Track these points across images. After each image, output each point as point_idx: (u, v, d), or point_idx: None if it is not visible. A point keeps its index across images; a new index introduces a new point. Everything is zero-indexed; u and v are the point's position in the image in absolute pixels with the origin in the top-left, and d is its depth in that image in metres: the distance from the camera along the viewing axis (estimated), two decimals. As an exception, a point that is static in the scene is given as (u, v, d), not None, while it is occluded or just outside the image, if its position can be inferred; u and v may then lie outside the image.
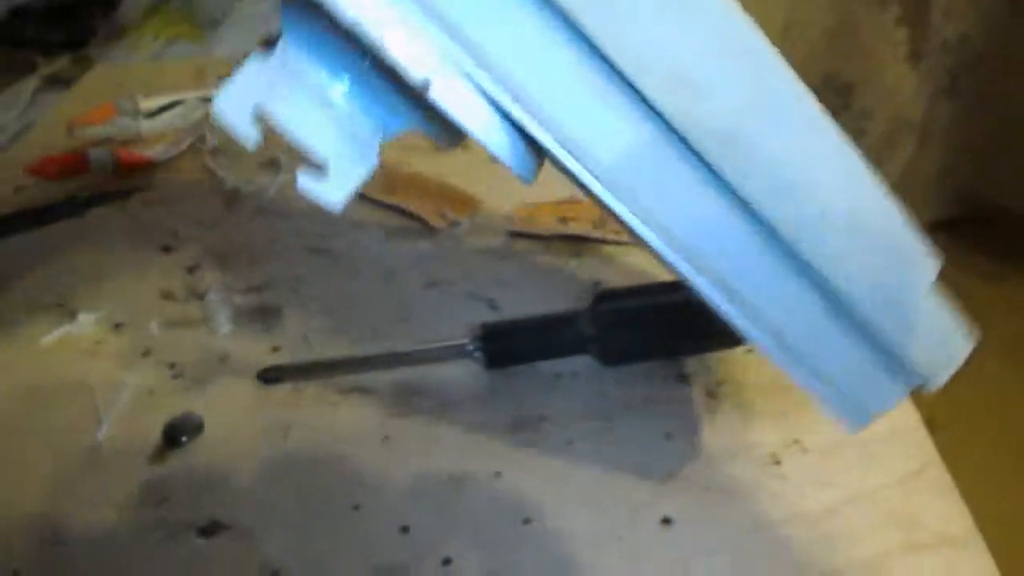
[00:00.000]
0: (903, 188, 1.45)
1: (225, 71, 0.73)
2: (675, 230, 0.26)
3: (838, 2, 1.56)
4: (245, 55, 0.26)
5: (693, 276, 0.27)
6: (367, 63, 0.26)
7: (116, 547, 0.37)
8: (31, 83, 0.83)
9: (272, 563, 0.36)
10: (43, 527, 0.38)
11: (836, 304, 0.28)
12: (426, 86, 0.23)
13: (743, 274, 0.28)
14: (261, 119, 0.26)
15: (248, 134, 0.25)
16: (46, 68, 0.84)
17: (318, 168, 0.26)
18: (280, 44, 0.25)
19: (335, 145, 0.26)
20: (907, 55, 1.59)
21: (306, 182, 0.26)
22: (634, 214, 0.26)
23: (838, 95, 1.64)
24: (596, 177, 0.25)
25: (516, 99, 0.24)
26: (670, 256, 0.27)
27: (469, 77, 0.23)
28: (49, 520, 0.38)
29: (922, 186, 1.67)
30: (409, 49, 0.23)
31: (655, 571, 0.35)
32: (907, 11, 1.50)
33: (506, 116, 0.24)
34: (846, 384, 0.30)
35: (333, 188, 0.26)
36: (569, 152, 0.24)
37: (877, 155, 1.64)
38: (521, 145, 0.25)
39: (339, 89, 0.27)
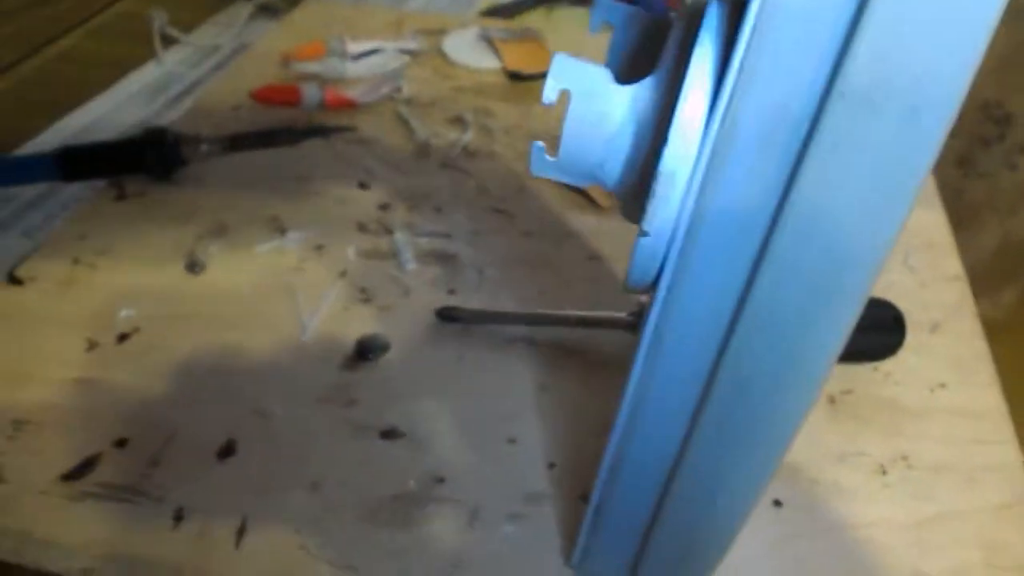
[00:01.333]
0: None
1: (419, 25, 0.80)
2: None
3: (1015, 31, 1.52)
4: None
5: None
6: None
7: (310, 433, 0.45)
8: (247, 7, 0.92)
9: (436, 471, 0.43)
10: (255, 403, 0.46)
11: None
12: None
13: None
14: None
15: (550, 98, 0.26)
16: (261, -4, 0.92)
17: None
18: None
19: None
20: (1077, 95, 1.55)
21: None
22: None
23: (996, 124, 1.61)
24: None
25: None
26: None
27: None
28: (260, 399, 0.46)
29: (1067, 230, 1.63)
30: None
31: (762, 544, 0.41)
32: (1084, 51, 1.46)
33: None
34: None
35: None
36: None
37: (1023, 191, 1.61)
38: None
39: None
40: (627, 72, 0.29)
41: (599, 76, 0.26)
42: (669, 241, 0.25)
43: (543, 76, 0.76)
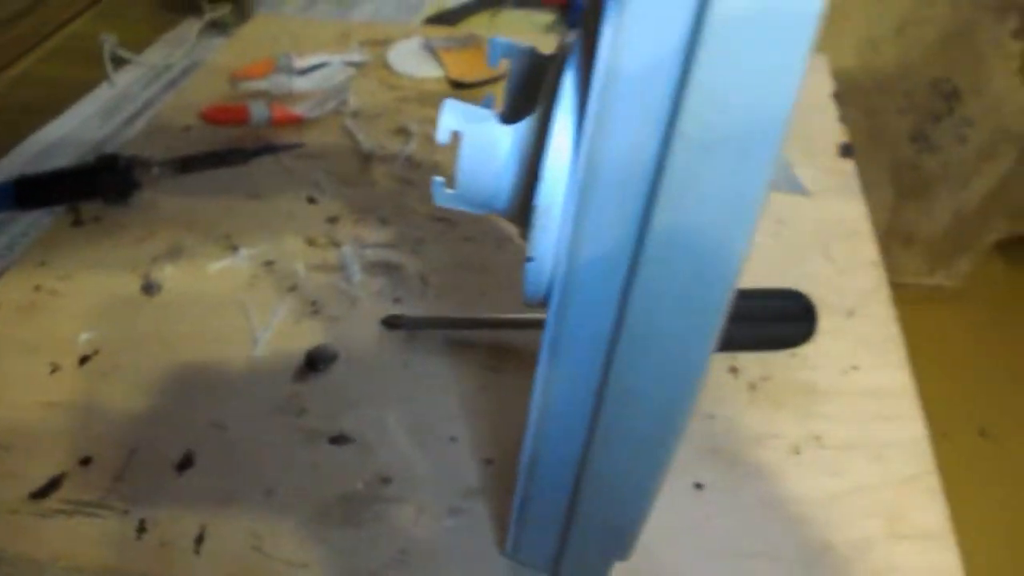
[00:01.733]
0: (996, 200, 1.47)
1: (365, 36, 0.83)
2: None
3: (958, 7, 1.56)
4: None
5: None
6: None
7: (264, 442, 0.48)
8: (196, 26, 0.94)
9: (383, 472, 0.46)
10: (211, 416, 0.49)
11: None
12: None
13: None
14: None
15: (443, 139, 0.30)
16: (210, 13, 0.94)
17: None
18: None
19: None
20: (1019, 69, 1.60)
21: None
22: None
23: (945, 99, 1.65)
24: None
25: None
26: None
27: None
28: (216, 412, 0.49)
29: (1017, 199, 1.68)
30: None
31: (684, 524, 0.44)
32: (1024, 25, 1.51)
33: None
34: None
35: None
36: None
37: (975, 163, 1.66)
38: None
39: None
40: (515, 110, 0.32)
41: (484, 118, 0.29)
42: (554, 263, 0.28)
43: (485, 83, 0.79)
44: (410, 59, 0.84)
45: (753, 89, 0.23)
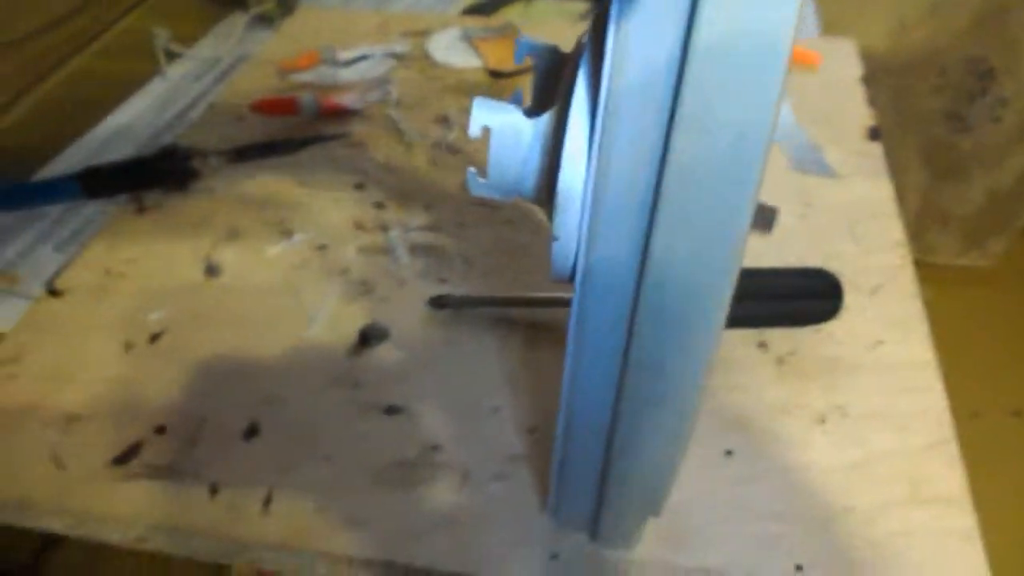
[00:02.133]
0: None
1: (404, 26, 0.86)
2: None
3: (988, -9, 1.56)
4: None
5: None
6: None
7: (322, 413, 0.51)
8: (243, 19, 0.98)
9: (431, 440, 0.50)
10: (272, 390, 0.53)
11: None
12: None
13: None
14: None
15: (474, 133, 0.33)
16: (255, 7, 0.98)
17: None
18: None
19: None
20: (1053, 50, 1.59)
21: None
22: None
23: (979, 79, 1.65)
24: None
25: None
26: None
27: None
28: (276, 386, 0.53)
29: (1051, 180, 1.68)
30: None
31: (715, 487, 0.47)
32: (1058, 5, 1.50)
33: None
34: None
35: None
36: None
37: (1009, 144, 1.66)
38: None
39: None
40: (539, 103, 0.35)
41: (510, 112, 0.32)
42: (577, 243, 0.31)
43: (521, 72, 0.82)
44: (449, 49, 0.87)
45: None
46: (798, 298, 0.54)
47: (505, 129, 0.32)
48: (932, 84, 1.59)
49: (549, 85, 0.35)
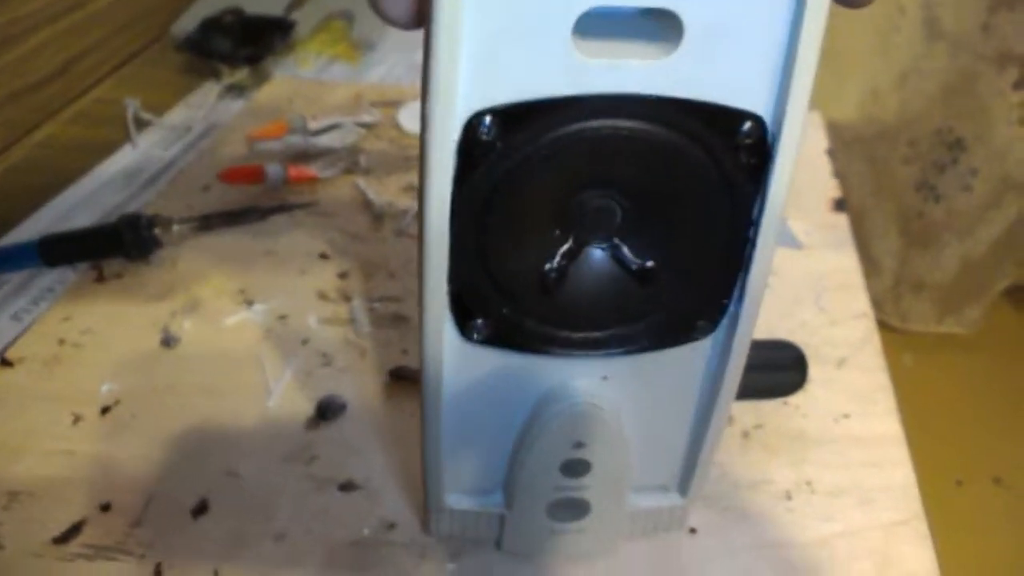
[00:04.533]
0: (1004, 247, 1.48)
1: (376, 96, 0.86)
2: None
3: (958, 59, 1.59)
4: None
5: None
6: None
7: (276, 489, 0.50)
8: (215, 89, 0.98)
9: (388, 518, 0.48)
10: (226, 464, 0.51)
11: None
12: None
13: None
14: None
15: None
16: (228, 77, 0.98)
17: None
18: None
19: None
20: (1020, 119, 1.62)
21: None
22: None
23: (949, 149, 1.68)
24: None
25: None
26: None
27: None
28: (230, 460, 0.51)
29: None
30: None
31: (679, 569, 0.46)
32: (1024, 77, 1.54)
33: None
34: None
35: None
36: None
37: (980, 213, 1.68)
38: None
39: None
40: None
41: None
42: None
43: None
44: (419, 118, 0.87)
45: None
46: (764, 370, 0.53)
47: None
48: (903, 154, 1.61)
49: None
